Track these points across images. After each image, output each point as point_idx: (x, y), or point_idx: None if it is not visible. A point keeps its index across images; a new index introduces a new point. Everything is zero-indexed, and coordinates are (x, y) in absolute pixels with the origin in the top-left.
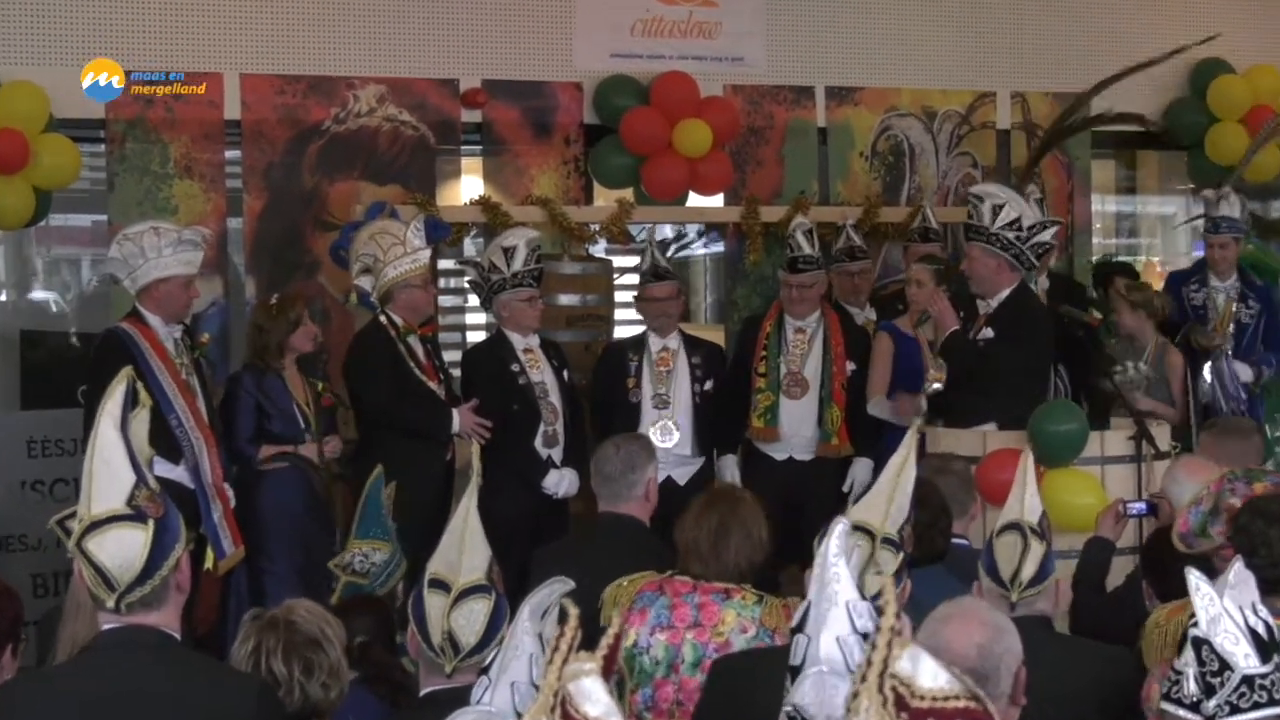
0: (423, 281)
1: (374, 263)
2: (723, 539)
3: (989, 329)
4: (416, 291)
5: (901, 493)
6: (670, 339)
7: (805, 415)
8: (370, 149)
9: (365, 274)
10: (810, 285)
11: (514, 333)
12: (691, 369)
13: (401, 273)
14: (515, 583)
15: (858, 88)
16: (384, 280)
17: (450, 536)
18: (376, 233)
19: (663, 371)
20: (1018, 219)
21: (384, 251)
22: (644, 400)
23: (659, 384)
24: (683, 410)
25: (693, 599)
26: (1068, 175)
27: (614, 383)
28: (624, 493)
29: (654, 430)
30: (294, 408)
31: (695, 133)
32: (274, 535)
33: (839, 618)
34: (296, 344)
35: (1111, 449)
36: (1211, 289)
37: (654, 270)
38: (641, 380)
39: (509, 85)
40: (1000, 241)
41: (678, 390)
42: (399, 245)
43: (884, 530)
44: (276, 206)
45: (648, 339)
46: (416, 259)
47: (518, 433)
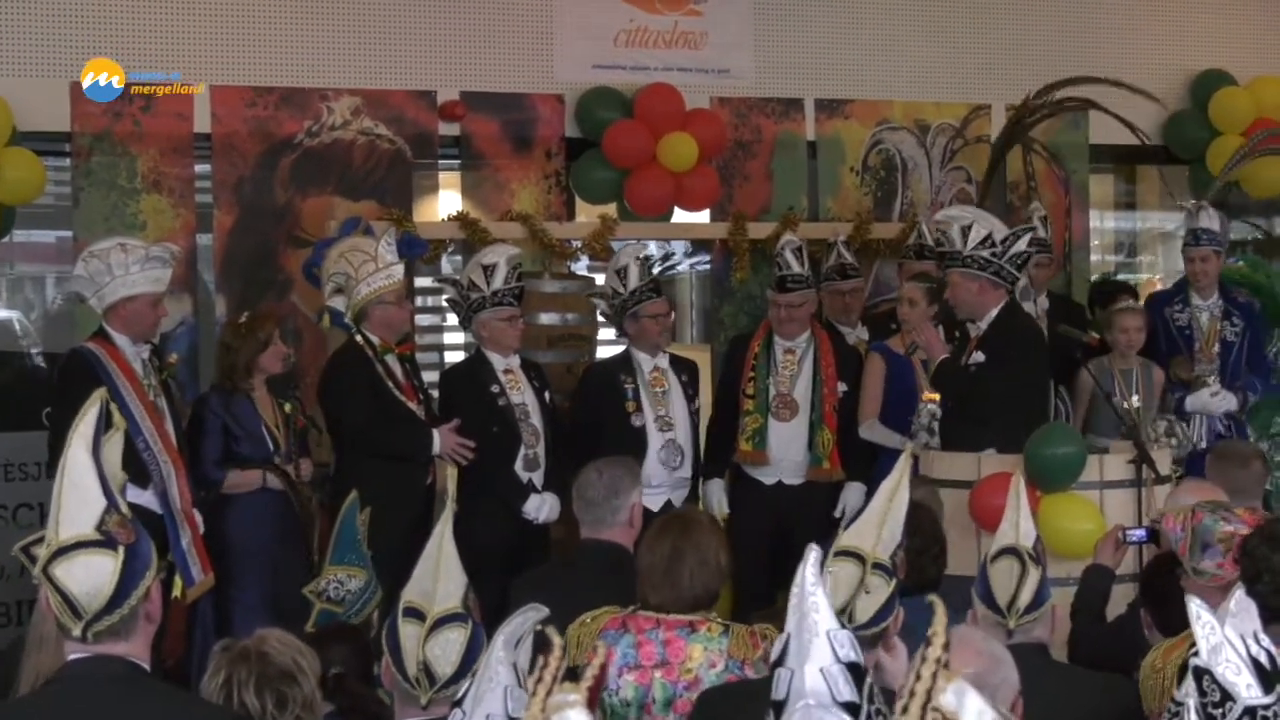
0: (397, 298)
1: (346, 281)
2: (676, 566)
3: (980, 353)
4: (391, 308)
5: (894, 517)
6: (660, 358)
7: (795, 438)
8: (345, 163)
9: (338, 294)
10: (800, 305)
11: (494, 353)
12: (683, 388)
13: (375, 289)
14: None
15: (848, 100)
16: (357, 298)
17: (425, 563)
18: (347, 250)
19: (659, 393)
20: (989, 235)
21: (355, 269)
22: (648, 423)
23: (658, 405)
24: (682, 431)
25: (657, 635)
26: (1065, 190)
27: (605, 405)
28: (607, 518)
29: (659, 454)
30: (263, 430)
31: (680, 146)
32: (242, 562)
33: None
34: (266, 365)
35: (1111, 473)
36: (1194, 308)
37: (652, 285)
38: (641, 403)
39: (488, 97)
40: (976, 262)
41: (676, 410)
42: (371, 261)
43: (875, 556)
44: (247, 222)
45: (636, 359)
46: (390, 274)
47: (497, 456)
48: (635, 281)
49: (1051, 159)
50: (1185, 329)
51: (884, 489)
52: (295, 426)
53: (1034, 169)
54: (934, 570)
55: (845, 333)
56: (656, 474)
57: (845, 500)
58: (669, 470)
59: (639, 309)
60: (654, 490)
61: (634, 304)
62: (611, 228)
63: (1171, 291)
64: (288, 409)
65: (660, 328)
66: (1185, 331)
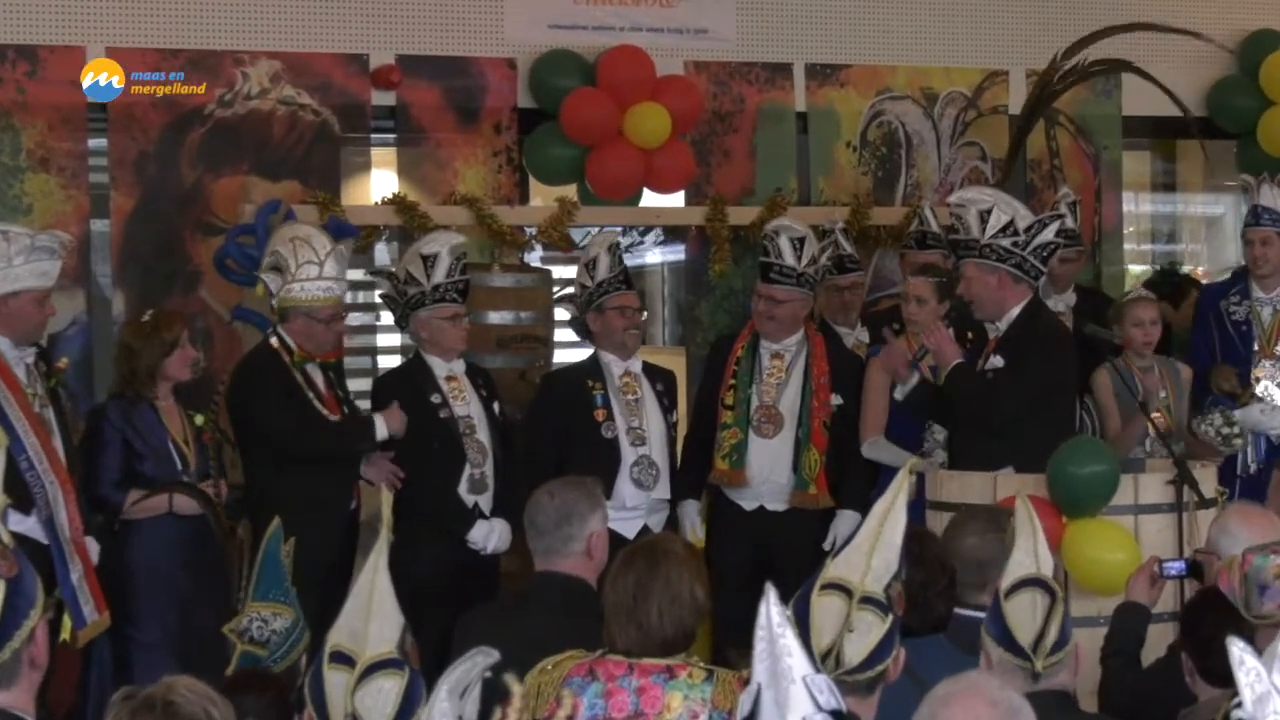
0: (330, 317)
1: (285, 267)
2: (642, 602)
3: (998, 357)
4: (317, 326)
5: (887, 543)
6: (632, 362)
7: (778, 457)
8: (262, 138)
9: (274, 272)
10: (785, 301)
11: (434, 357)
12: (658, 398)
13: (308, 298)
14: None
15: (844, 65)
16: (286, 296)
17: (355, 601)
18: (299, 238)
19: (630, 401)
20: (1010, 222)
21: (298, 263)
22: (620, 436)
23: (630, 416)
24: (658, 446)
25: (630, 682)
26: (1094, 169)
27: (572, 415)
28: (559, 548)
29: (631, 471)
30: (169, 445)
31: (650, 119)
32: (145, 599)
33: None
34: (172, 371)
35: (1147, 495)
36: (1254, 301)
37: (622, 276)
38: (613, 412)
39: (428, 62)
40: (996, 252)
41: (650, 421)
42: (315, 265)
43: (864, 588)
44: (150, 206)
45: (605, 363)
46: (329, 290)
47: (439, 476)
48: (604, 273)
49: (1079, 133)
50: (1243, 325)
51: (876, 511)
52: (204, 441)
53: (1058, 145)
54: (942, 606)
55: (843, 334)
56: (631, 495)
57: (836, 530)
58: (644, 491)
59: (604, 300)
60: (628, 514)
61: (599, 295)
62: (571, 213)
63: (1228, 282)
64: (199, 421)
65: (626, 322)
66: (1243, 328)
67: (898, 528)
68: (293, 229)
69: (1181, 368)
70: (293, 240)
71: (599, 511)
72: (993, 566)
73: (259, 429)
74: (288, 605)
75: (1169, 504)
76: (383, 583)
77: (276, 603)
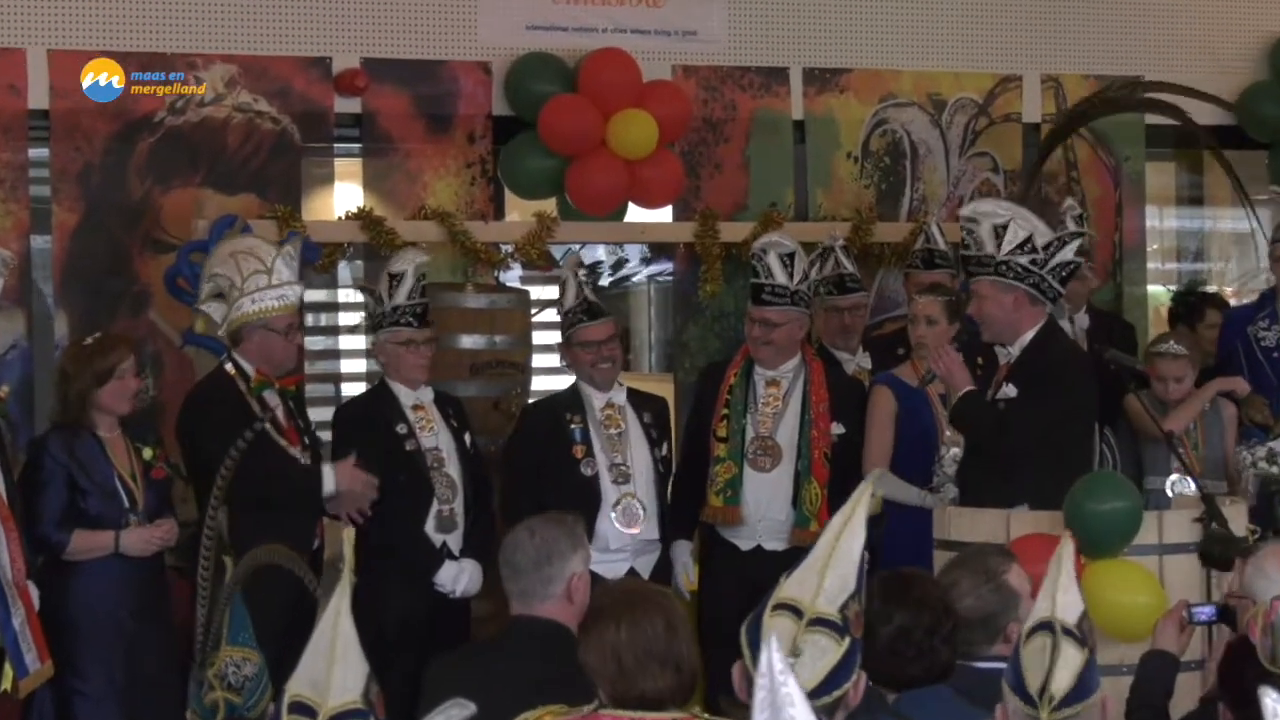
0: (286, 327)
1: (229, 288)
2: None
3: (1010, 385)
4: (275, 338)
5: (843, 559)
6: (615, 393)
7: (777, 492)
8: (217, 147)
9: (217, 300)
10: (780, 323)
11: (399, 384)
12: (645, 430)
13: (261, 309)
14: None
15: (844, 69)
16: (237, 314)
17: (316, 648)
18: (240, 251)
19: (613, 435)
20: (1029, 238)
21: (243, 277)
22: (600, 473)
23: (612, 451)
24: (644, 483)
25: None
26: (1115, 181)
27: (549, 451)
28: (537, 590)
29: (615, 514)
30: (115, 481)
31: (635, 127)
32: (89, 646)
33: None
34: (107, 402)
35: (1172, 534)
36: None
37: (585, 306)
38: (593, 447)
39: (396, 65)
40: (1014, 270)
41: (635, 458)
42: (264, 274)
43: (815, 609)
44: (95, 221)
45: (585, 394)
46: (283, 296)
47: (405, 513)
48: (570, 300)
49: (1098, 143)
50: (1274, 351)
51: (832, 525)
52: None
53: (1076, 155)
54: (946, 653)
55: (844, 360)
56: (614, 536)
57: None
58: (628, 531)
59: (570, 334)
60: (613, 557)
61: (566, 327)
62: (550, 229)
63: (1256, 305)
64: (147, 455)
65: (595, 358)
66: (1274, 354)
67: (855, 543)
68: (229, 244)
69: (1225, 405)
70: (233, 256)
71: (581, 551)
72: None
73: (205, 465)
74: (255, 650)
75: (1196, 543)
76: (345, 627)
77: (245, 647)
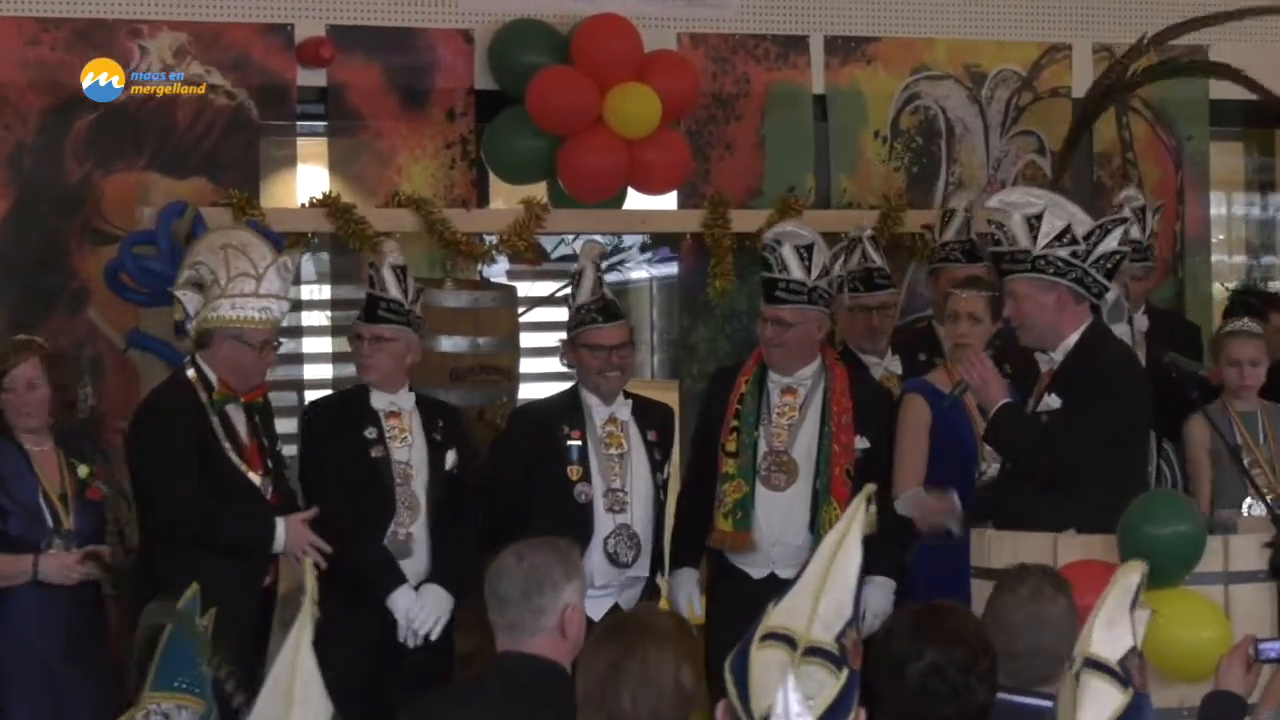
0: (262, 343)
1: (210, 282)
2: (613, 686)
3: (1053, 395)
4: (247, 352)
5: (838, 584)
6: (619, 406)
7: (792, 513)
8: (165, 126)
9: (194, 289)
10: (795, 323)
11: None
12: (649, 451)
13: (239, 318)
14: None
15: (872, 38)
16: (212, 315)
17: (273, 688)
18: (232, 246)
19: (613, 455)
20: (1067, 228)
21: (229, 276)
22: (595, 499)
23: (611, 475)
24: (641, 513)
25: None
26: (1176, 164)
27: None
28: (526, 623)
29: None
30: (39, 500)
31: (636, 103)
32: (10, 685)
33: None
34: (10, 416)
35: (1239, 561)
36: None
37: (601, 305)
38: (590, 470)
39: (366, 34)
40: (1054, 265)
41: (635, 483)
42: (252, 279)
43: (809, 638)
44: (26, 209)
45: (587, 404)
46: (267, 310)
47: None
48: (584, 296)
49: (1156, 121)
50: None
51: (826, 545)
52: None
53: (1132, 135)
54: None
55: (871, 365)
56: (601, 571)
57: (866, 602)
58: (618, 568)
59: (578, 334)
60: (596, 594)
61: (574, 326)
62: (539, 217)
63: None
64: (83, 473)
65: (603, 364)
66: None
67: (851, 565)
68: (223, 235)
69: None
70: (224, 249)
71: (576, 580)
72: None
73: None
74: (197, 696)
75: (1265, 571)
76: (306, 664)
77: (183, 693)
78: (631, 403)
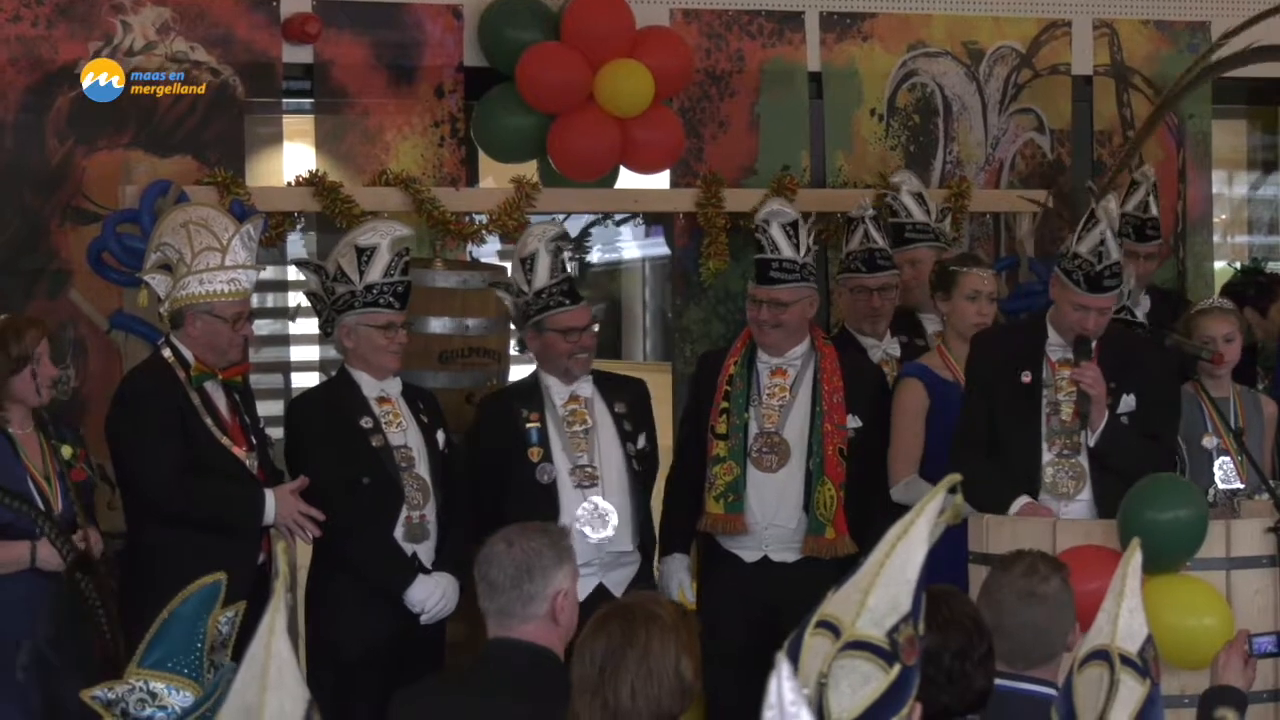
0: (235, 315)
1: (177, 262)
2: (612, 676)
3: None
4: (221, 326)
5: (895, 575)
6: (580, 384)
7: (784, 495)
8: (148, 104)
9: (163, 271)
10: (791, 302)
11: (363, 373)
12: (617, 422)
13: (208, 293)
14: None
15: (868, 14)
16: (181, 294)
17: (248, 672)
18: (193, 222)
19: (578, 432)
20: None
21: (193, 253)
22: (560, 477)
23: (576, 450)
24: (615, 485)
25: None
26: (1177, 143)
27: (503, 453)
28: (517, 609)
29: (581, 517)
30: (28, 484)
31: (628, 80)
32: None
33: None
34: (19, 393)
35: (1241, 546)
36: None
37: (565, 287)
38: (551, 448)
39: (353, 9)
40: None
41: (605, 456)
42: (217, 252)
43: (854, 631)
44: (7, 187)
45: (545, 385)
46: (235, 281)
47: (371, 519)
48: (544, 279)
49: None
50: None
51: (888, 536)
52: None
53: (1133, 112)
54: (980, 679)
55: (869, 347)
56: (580, 550)
57: None
58: (594, 545)
59: (543, 318)
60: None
61: (538, 310)
62: (530, 196)
63: None
64: (65, 454)
65: (571, 347)
66: None
67: (913, 558)
68: (182, 213)
69: (1266, 402)
70: (185, 226)
71: (567, 565)
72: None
73: (129, 467)
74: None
75: (1269, 557)
76: (281, 649)
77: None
78: (592, 379)
